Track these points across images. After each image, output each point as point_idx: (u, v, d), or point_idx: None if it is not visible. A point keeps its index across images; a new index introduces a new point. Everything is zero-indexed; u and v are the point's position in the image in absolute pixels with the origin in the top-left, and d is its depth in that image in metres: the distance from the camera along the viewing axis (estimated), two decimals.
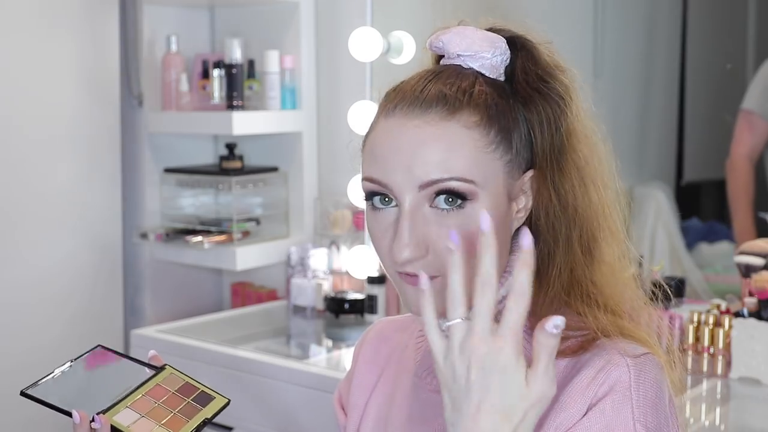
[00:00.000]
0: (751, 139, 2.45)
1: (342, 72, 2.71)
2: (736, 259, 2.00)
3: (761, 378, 1.91)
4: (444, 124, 0.90)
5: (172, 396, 1.11)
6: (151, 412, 1.08)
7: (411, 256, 0.90)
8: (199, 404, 1.10)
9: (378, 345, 1.13)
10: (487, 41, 0.94)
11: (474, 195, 0.90)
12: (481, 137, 0.90)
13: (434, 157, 0.89)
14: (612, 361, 0.89)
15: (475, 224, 0.89)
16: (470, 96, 0.91)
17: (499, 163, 0.91)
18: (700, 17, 2.73)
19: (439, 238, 0.90)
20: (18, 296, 2.53)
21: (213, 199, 2.81)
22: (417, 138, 0.90)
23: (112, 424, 1.04)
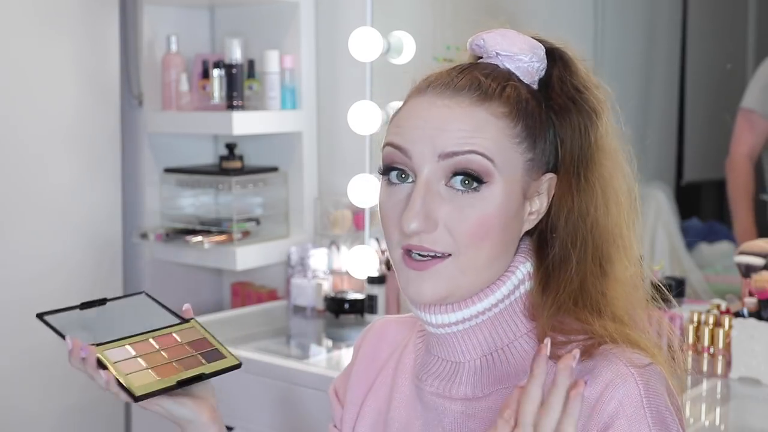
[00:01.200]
0: (751, 138, 2.45)
1: (342, 72, 2.71)
2: (736, 259, 2.00)
3: (761, 378, 1.91)
4: (473, 108, 0.92)
5: (179, 347, 1.09)
6: (147, 355, 1.05)
7: (419, 227, 0.90)
8: (205, 359, 1.08)
9: (378, 343, 1.13)
10: (527, 45, 0.96)
11: (491, 176, 0.91)
12: (507, 127, 0.92)
13: (458, 132, 0.91)
14: (619, 374, 0.89)
15: (491, 207, 0.91)
16: (502, 89, 0.93)
17: (521, 158, 0.93)
18: (700, 17, 2.73)
19: (449, 217, 0.91)
20: (18, 295, 2.53)
21: (213, 199, 2.81)
22: (445, 114, 0.92)
23: (99, 357, 1.03)
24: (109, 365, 1.02)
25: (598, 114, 0.97)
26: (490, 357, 0.96)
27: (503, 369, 0.95)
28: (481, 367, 0.96)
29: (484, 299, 0.94)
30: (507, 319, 0.95)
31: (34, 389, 2.57)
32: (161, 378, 1.03)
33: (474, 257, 0.92)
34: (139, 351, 1.06)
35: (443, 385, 0.98)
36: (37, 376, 2.57)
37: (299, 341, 2.56)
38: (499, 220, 0.92)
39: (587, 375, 0.89)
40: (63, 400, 2.62)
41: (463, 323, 0.95)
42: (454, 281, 0.92)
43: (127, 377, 1.01)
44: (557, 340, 0.92)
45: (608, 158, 0.97)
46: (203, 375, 1.06)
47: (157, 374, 1.03)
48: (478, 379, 0.96)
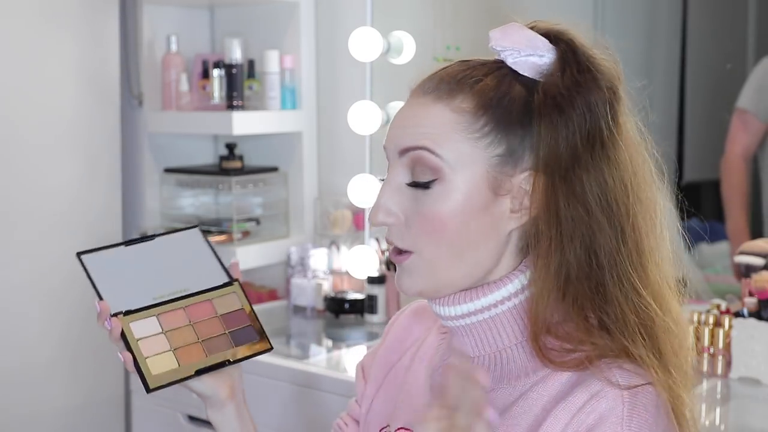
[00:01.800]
0: (745, 137, 2.45)
1: (342, 72, 2.71)
2: (736, 259, 1.99)
3: (761, 378, 1.91)
4: (434, 104, 0.93)
5: (213, 320, 1.04)
6: (175, 331, 1.01)
7: (382, 219, 0.95)
8: (236, 341, 1.04)
9: (410, 326, 1.14)
10: (523, 39, 0.94)
11: (440, 173, 0.91)
12: (465, 123, 0.92)
13: (416, 128, 0.93)
14: (607, 389, 0.87)
15: (442, 205, 0.92)
16: (470, 85, 0.93)
17: (483, 153, 0.92)
18: (700, 17, 2.72)
19: (409, 212, 0.94)
20: (18, 296, 2.53)
21: (213, 199, 2.81)
22: (411, 112, 0.95)
23: (123, 330, 0.99)
24: (133, 344, 0.99)
25: (603, 114, 0.92)
26: (500, 354, 0.96)
27: (510, 367, 0.95)
28: (490, 364, 0.96)
29: (483, 296, 0.94)
30: (513, 320, 0.95)
31: (34, 389, 2.57)
32: (182, 364, 1.00)
33: (435, 253, 0.93)
34: (167, 325, 1.02)
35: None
36: (37, 376, 2.57)
37: (299, 341, 2.56)
38: (454, 218, 0.91)
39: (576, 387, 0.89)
40: (63, 400, 2.62)
41: (467, 318, 0.95)
42: (427, 277, 0.94)
43: (146, 361, 0.98)
44: (562, 347, 0.92)
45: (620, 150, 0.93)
46: (228, 362, 1.03)
47: (179, 358, 1.00)
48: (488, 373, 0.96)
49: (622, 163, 0.93)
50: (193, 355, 1.01)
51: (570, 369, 0.91)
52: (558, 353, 0.91)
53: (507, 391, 0.94)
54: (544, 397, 0.91)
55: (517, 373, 0.95)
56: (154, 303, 1.02)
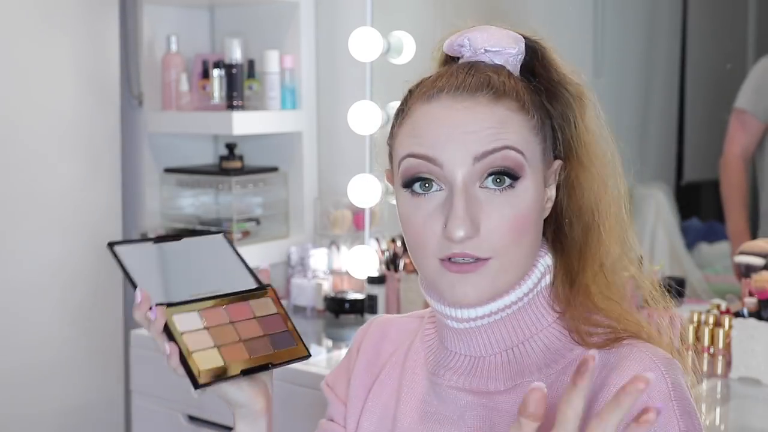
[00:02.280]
0: (744, 138, 2.45)
1: (342, 72, 2.71)
2: (736, 259, 1.99)
3: (761, 378, 1.91)
4: (492, 106, 0.91)
5: (251, 321, 1.02)
6: (217, 328, 0.98)
7: (466, 233, 0.89)
8: (274, 345, 1.02)
9: (380, 340, 1.12)
10: (511, 38, 0.96)
11: (524, 171, 0.91)
12: (525, 120, 0.93)
13: (487, 131, 0.90)
14: (647, 367, 0.90)
15: (526, 203, 0.91)
16: (512, 85, 0.94)
17: (538, 148, 0.94)
18: (700, 17, 2.72)
19: (489, 217, 0.90)
20: (18, 296, 2.53)
21: (213, 199, 2.81)
22: (468, 116, 0.91)
23: (167, 322, 0.95)
24: (177, 337, 0.95)
25: (579, 102, 0.98)
26: (510, 352, 0.96)
27: (524, 363, 0.95)
28: (504, 361, 0.96)
29: (511, 293, 0.94)
30: (530, 313, 0.96)
31: (34, 389, 2.57)
32: (227, 361, 0.96)
33: (516, 255, 0.92)
34: (209, 321, 0.98)
35: (462, 379, 0.98)
36: (37, 376, 2.57)
37: None
38: (533, 215, 0.93)
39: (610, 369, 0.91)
40: (63, 400, 2.62)
41: (489, 317, 0.95)
42: (496, 281, 0.92)
43: (193, 356, 0.94)
44: (585, 331, 0.95)
45: (595, 142, 0.99)
46: (270, 365, 1.00)
47: (224, 355, 0.97)
48: (499, 373, 0.96)
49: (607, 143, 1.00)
50: (236, 354, 0.98)
51: (600, 347, 0.92)
52: (587, 334, 0.94)
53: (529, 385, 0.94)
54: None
55: (537, 365, 0.95)
56: (195, 298, 0.99)
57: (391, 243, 2.59)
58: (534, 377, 0.94)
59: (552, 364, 0.95)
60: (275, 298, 1.06)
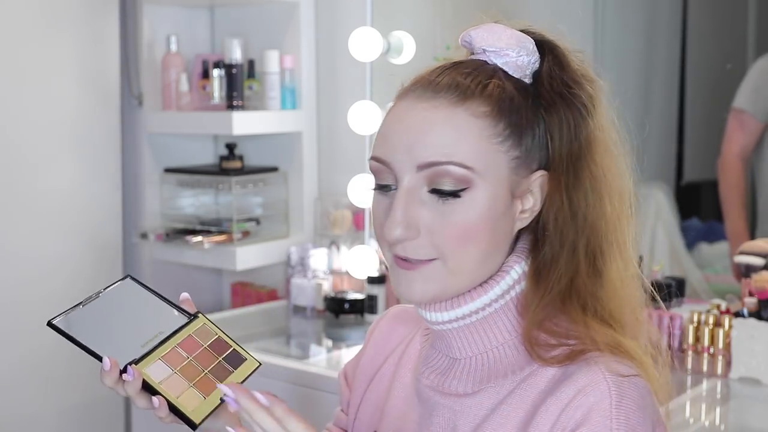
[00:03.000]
0: (742, 138, 2.45)
1: (342, 72, 2.71)
2: (736, 259, 1.99)
3: (761, 378, 1.91)
4: (452, 110, 0.90)
5: (204, 352, 1.07)
6: (182, 368, 1.03)
7: (401, 235, 0.91)
8: (231, 365, 1.07)
9: (390, 332, 1.13)
10: (514, 40, 0.94)
11: (470, 182, 0.90)
12: (487, 127, 0.91)
13: (436, 140, 0.90)
14: (594, 381, 0.88)
15: (473, 212, 0.90)
16: (484, 87, 0.92)
17: (504, 157, 0.91)
18: (700, 17, 2.72)
19: (432, 222, 0.91)
20: (18, 295, 2.53)
21: (213, 199, 2.81)
22: (423, 120, 0.91)
23: (144, 378, 0.99)
24: (159, 389, 1.00)
25: (589, 110, 0.94)
26: (485, 355, 0.96)
27: (496, 367, 0.95)
28: (476, 365, 0.96)
29: (477, 298, 0.94)
30: (503, 318, 0.95)
31: (35, 389, 2.57)
32: (206, 395, 1.02)
33: (462, 260, 0.92)
34: (173, 364, 1.03)
35: (438, 379, 0.98)
36: (37, 376, 2.57)
37: (299, 341, 2.56)
38: (484, 224, 0.91)
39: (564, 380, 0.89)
40: (63, 400, 2.62)
41: (458, 321, 0.95)
42: (443, 282, 0.93)
43: (179, 401, 1.00)
44: (547, 342, 0.93)
45: (603, 153, 0.95)
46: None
47: (200, 391, 1.02)
48: (471, 376, 0.96)
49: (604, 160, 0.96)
50: (209, 386, 1.03)
51: (557, 364, 0.91)
52: (546, 348, 0.92)
53: (494, 390, 0.95)
54: (532, 394, 0.92)
55: (504, 371, 0.95)
56: (150, 349, 1.03)
57: None
58: (499, 383, 0.94)
59: (517, 371, 0.94)
60: (209, 322, 1.11)
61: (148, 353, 1.02)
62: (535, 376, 0.92)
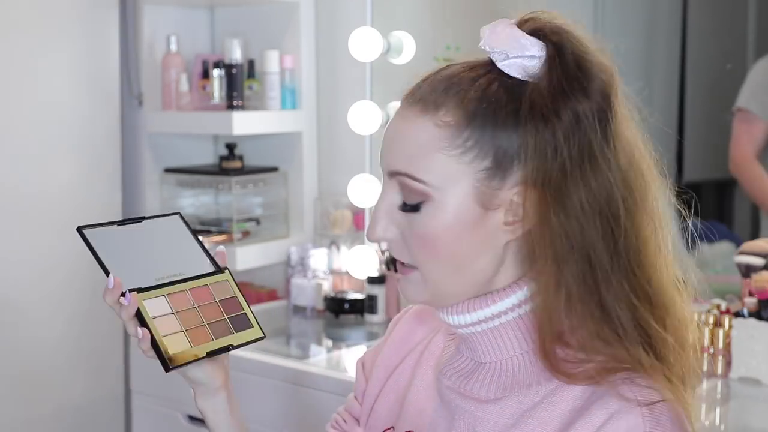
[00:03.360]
0: (751, 137, 2.45)
1: (342, 72, 2.71)
2: (736, 259, 1.99)
3: (761, 378, 1.91)
4: (418, 120, 0.91)
5: (213, 305, 1.07)
6: (183, 312, 1.04)
7: (380, 234, 0.94)
8: (234, 327, 1.07)
9: (415, 325, 1.13)
10: (511, 40, 0.90)
11: (426, 195, 0.91)
12: (448, 138, 0.89)
13: (399, 149, 0.92)
14: (626, 407, 0.86)
15: (433, 224, 0.91)
16: (455, 94, 0.90)
17: (467, 168, 0.89)
18: (700, 17, 2.72)
19: (404, 229, 0.93)
20: (18, 295, 2.53)
21: (213, 199, 2.81)
22: (396, 128, 0.94)
23: (139, 308, 1.01)
24: (149, 322, 1.00)
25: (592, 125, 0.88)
26: (512, 360, 0.95)
27: (521, 375, 0.94)
28: (501, 370, 0.95)
29: (498, 301, 0.93)
30: (520, 330, 0.94)
31: (35, 389, 2.57)
32: (194, 346, 1.02)
33: (435, 270, 0.93)
34: (176, 306, 1.04)
35: (460, 382, 0.97)
36: (37, 376, 2.57)
37: (299, 341, 2.56)
38: (446, 236, 0.90)
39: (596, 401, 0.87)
40: (63, 400, 2.62)
41: (480, 324, 0.94)
42: (430, 289, 0.94)
43: (164, 340, 1.00)
44: (571, 357, 0.90)
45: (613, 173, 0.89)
46: (231, 347, 1.06)
47: (190, 339, 1.02)
48: (495, 381, 0.95)
49: (615, 173, 0.89)
50: (201, 337, 1.04)
51: (582, 382, 0.89)
52: (571, 364, 0.90)
53: (518, 399, 0.93)
54: (558, 410, 0.90)
55: (528, 381, 0.93)
56: (162, 283, 1.04)
57: None
58: (523, 392, 0.93)
59: (543, 382, 0.92)
60: (232, 281, 1.11)
61: (156, 287, 1.04)
62: (562, 392, 0.91)
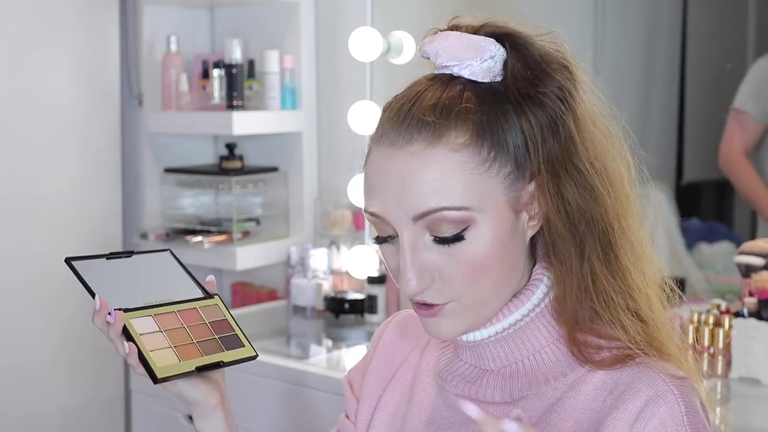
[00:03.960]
0: (743, 138, 2.46)
1: (342, 72, 2.71)
2: (736, 259, 1.99)
3: (761, 378, 1.91)
4: (429, 151, 0.87)
5: (202, 325, 1.08)
6: (172, 330, 1.05)
7: (418, 287, 0.89)
8: (225, 345, 1.07)
9: (399, 337, 1.11)
10: (471, 47, 0.90)
11: (470, 221, 0.87)
12: (471, 158, 0.87)
13: (423, 188, 0.87)
14: (660, 391, 0.88)
15: (480, 247, 0.88)
16: (456, 114, 0.87)
17: (496, 180, 0.88)
18: (700, 17, 2.72)
19: (443, 265, 0.89)
20: (18, 296, 2.53)
21: (213, 199, 2.81)
22: (404, 169, 0.87)
23: (126, 325, 1.01)
24: (136, 337, 1.01)
25: (564, 103, 0.90)
26: (520, 364, 0.95)
27: (532, 375, 0.94)
28: (510, 374, 0.95)
29: (515, 311, 0.94)
30: (538, 327, 0.94)
31: (35, 389, 2.57)
32: (183, 360, 1.03)
33: (478, 295, 0.91)
34: (164, 325, 1.05)
35: (468, 387, 0.97)
36: (37, 375, 2.57)
37: (299, 341, 2.56)
38: (494, 253, 0.89)
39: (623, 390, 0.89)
40: (63, 400, 2.62)
41: (495, 336, 0.95)
42: (468, 318, 0.92)
43: (151, 354, 1.01)
44: (594, 344, 0.92)
45: (589, 144, 0.91)
46: (222, 363, 1.06)
47: (179, 355, 1.03)
48: (506, 385, 0.95)
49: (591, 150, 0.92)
50: (190, 353, 1.04)
51: (607, 367, 0.90)
52: (594, 350, 0.91)
53: (537, 397, 0.93)
54: (581, 403, 0.91)
55: (544, 378, 0.94)
56: (149, 305, 1.06)
57: None
58: (540, 389, 0.93)
59: (552, 380, 0.93)
60: (223, 305, 1.12)
61: (144, 308, 1.05)
62: (582, 384, 0.91)
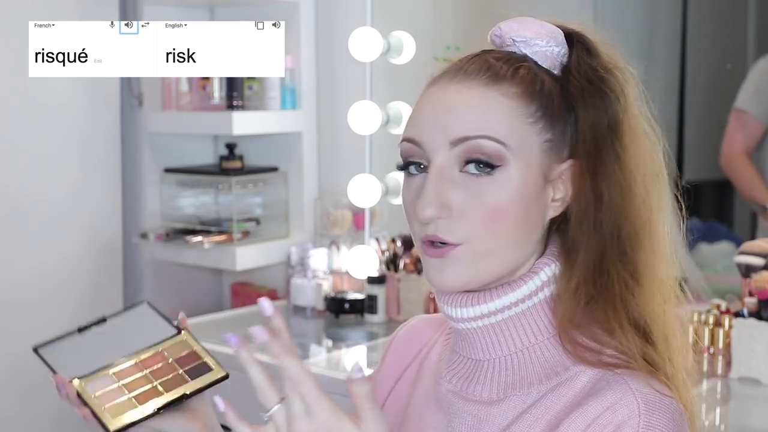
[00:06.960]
0: (744, 138, 2.46)
1: (342, 72, 2.71)
2: (736, 259, 1.99)
3: (761, 378, 1.91)
4: (483, 90, 0.90)
5: (165, 366, 1.08)
6: (131, 382, 1.05)
7: (434, 213, 0.89)
8: (190, 376, 1.07)
9: (411, 339, 1.12)
10: (544, 30, 0.94)
11: (504, 159, 0.89)
12: (520, 107, 0.90)
13: (469, 116, 0.90)
14: (623, 400, 0.86)
15: (505, 192, 0.89)
16: (515, 70, 0.92)
17: (537, 138, 0.91)
18: (700, 17, 2.73)
19: (464, 203, 0.89)
20: (18, 295, 2.53)
21: (213, 199, 2.81)
22: (456, 98, 0.91)
23: (78, 391, 1.03)
24: (89, 400, 1.02)
25: (618, 96, 0.94)
26: (511, 357, 0.94)
27: (522, 373, 0.93)
28: (501, 368, 0.94)
29: (503, 296, 0.93)
30: (531, 320, 0.94)
31: (34, 389, 2.57)
32: (141, 405, 1.03)
33: (490, 242, 0.90)
34: (122, 377, 1.06)
35: (461, 384, 0.97)
36: (37, 375, 2.56)
37: (299, 341, 2.56)
38: (515, 204, 0.90)
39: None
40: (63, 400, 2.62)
41: (483, 319, 0.93)
42: (473, 266, 0.90)
43: (104, 410, 1.01)
44: (589, 346, 0.91)
45: (631, 142, 0.94)
46: (185, 395, 1.05)
47: (138, 401, 1.03)
48: (495, 381, 0.94)
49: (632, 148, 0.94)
50: (150, 397, 1.04)
51: (600, 366, 0.89)
52: (590, 352, 0.90)
53: (519, 399, 0.93)
54: (557, 405, 0.90)
55: (530, 379, 0.93)
56: (108, 364, 1.07)
57: (391, 243, 2.59)
58: (525, 391, 0.92)
59: (544, 380, 0.92)
60: (190, 336, 1.12)
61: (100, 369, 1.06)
62: (563, 387, 0.91)
